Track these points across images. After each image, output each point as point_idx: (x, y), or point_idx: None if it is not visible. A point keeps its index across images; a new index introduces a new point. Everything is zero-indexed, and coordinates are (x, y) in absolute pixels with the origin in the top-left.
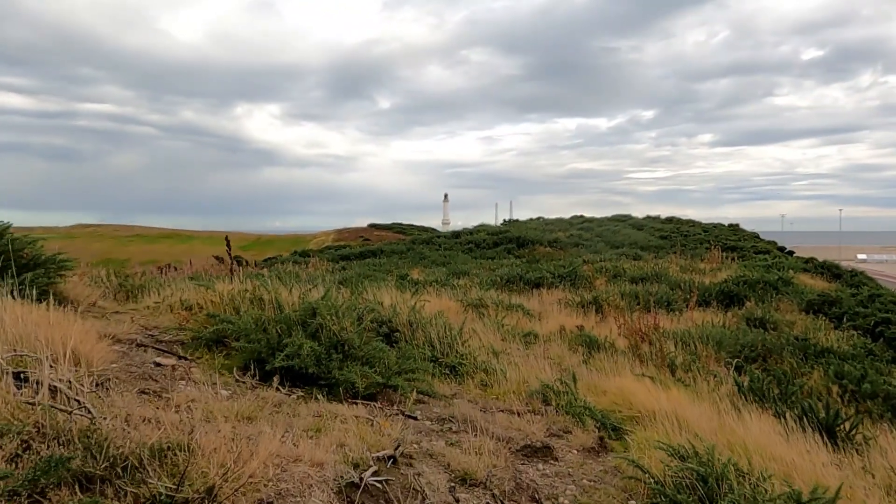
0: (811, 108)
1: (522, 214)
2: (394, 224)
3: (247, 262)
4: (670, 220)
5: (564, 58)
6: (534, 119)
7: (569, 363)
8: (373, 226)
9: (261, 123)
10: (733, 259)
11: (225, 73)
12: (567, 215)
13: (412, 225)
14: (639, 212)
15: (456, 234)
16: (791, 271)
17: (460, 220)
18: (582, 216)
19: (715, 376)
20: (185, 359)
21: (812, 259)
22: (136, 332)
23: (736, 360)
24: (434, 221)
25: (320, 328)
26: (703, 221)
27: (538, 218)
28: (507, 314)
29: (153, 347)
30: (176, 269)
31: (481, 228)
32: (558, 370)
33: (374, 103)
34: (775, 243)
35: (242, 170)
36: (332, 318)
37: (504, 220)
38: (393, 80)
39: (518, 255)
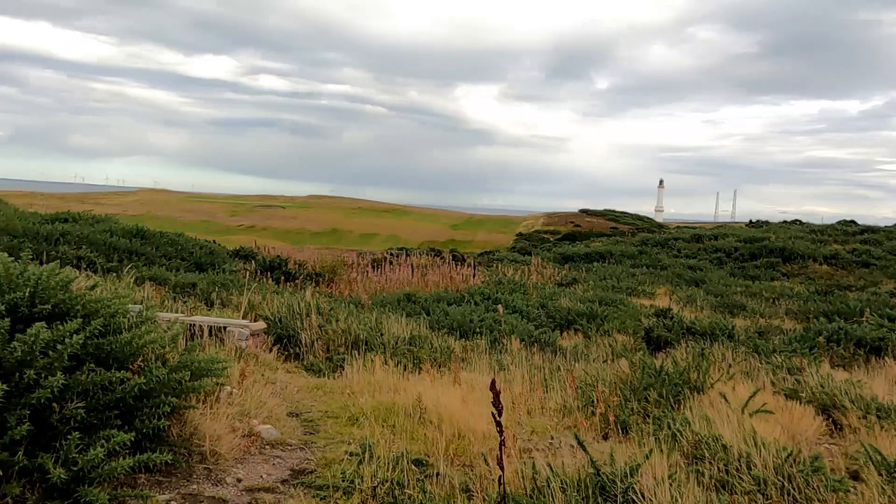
0: None
1: (747, 205)
2: (606, 211)
3: (463, 257)
4: None
5: (808, 33)
6: (766, 101)
7: None
8: (584, 211)
9: (478, 104)
10: None
11: (449, 55)
12: (801, 208)
13: (625, 213)
14: (889, 209)
15: (697, 238)
16: None
17: (674, 208)
18: (854, 222)
19: None
20: None
21: None
22: None
23: None
24: (645, 207)
25: None
26: None
27: (795, 222)
28: None
29: None
30: (391, 262)
31: (727, 231)
32: None
33: (590, 84)
34: None
35: (458, 148)
36: None
37: (751, 221)
38: (612, 60)
39: (785, 271)
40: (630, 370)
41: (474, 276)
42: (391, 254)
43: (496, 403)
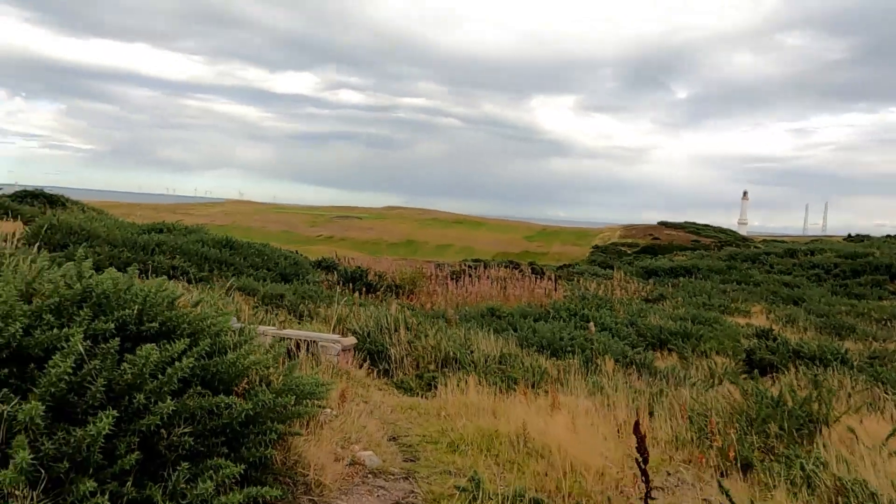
0: None
1: (839, 218)
2: (686, 223)
3: (542, 270)
4: None
5: None
6: (862, 108)
7: None
8: (663, 224)
9: (553, 115)
10: None
11: (525, 67)
12: None
13: (707, 225)
14: None
15: (791, 253)
16: None
17: (758, 221)
18: None
19: None
20: None
21: None
22: None
23: None
24: (727, 220)
25: None
26: None
27: None
28: None
29: None
30: (470, 276)
31: (824, 246)
32: None
33: (670, 93)
34: None
35: (532, 159)
36: None
37: (850, 235)
38: (694, 68)
39: (894, 290)
40: (742, 398)
41: (556, 290)
42: (469, 266)
43: (641, 450)
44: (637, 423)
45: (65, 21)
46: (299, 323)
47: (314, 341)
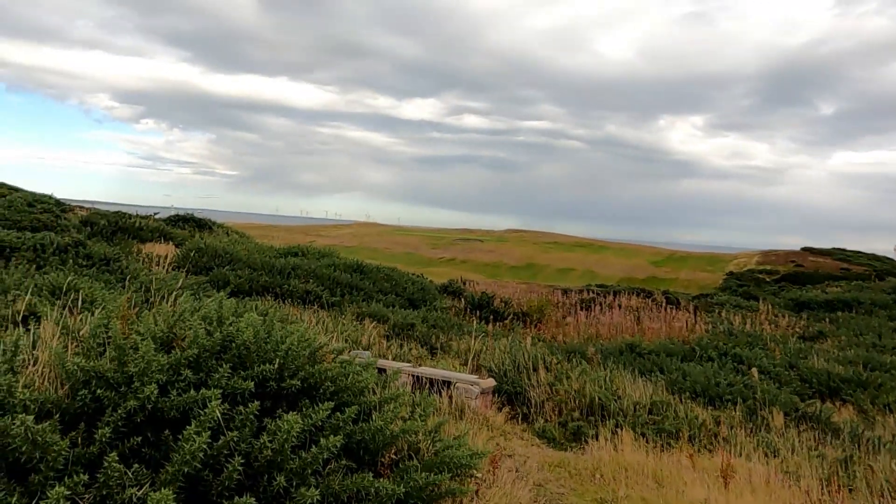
0: None
1: None
2: (834, 249)
3: (678, 300)
4: None
5: None
6: None
7: None
8: (807, 250)
9: (681, 135)
10: None
11: (651, 86)
12: None
13: (858, 252)
14: None
15: None
16: None
17: None
18: None
19: None
20: None
21: None
22: None
23: None
24: (880, 245)
25: None
26: None
27: None
28: None
29: None
30: (600, 305)
31: None
32: None
33: (813, 109)
34: None
35: (657, 181)
36: None
37: None
38: (840, 82)
39: None
40: None
41: (696, 324)
42: (596, 293)
43: None
44: None
45: (218, 59)
46: (432, 358)
47: (452, 382)
